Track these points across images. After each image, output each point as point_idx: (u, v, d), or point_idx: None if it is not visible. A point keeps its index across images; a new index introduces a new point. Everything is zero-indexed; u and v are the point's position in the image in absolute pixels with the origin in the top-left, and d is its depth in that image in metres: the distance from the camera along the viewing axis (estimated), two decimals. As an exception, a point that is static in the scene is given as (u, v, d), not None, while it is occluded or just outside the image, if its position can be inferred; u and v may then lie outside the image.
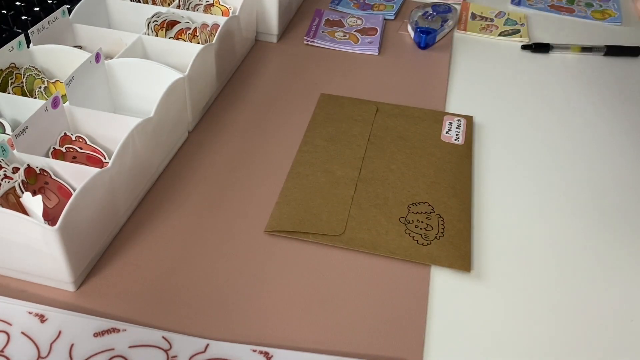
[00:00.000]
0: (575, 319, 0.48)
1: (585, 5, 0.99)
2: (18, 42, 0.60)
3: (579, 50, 0.86)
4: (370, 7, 0.94)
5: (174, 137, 0.62)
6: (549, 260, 0.53)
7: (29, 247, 0.44)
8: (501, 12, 0.96)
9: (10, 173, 0.47)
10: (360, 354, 0.44)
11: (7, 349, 0.43)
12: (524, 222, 0.57)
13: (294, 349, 0.44)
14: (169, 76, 0.60)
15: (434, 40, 0.85)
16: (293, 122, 0.68)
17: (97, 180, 0.47)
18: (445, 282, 0.51)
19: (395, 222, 0.55)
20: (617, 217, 0.58)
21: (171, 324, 0.45)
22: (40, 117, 0.51)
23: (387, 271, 0.51)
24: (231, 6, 0.77)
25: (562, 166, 0.64)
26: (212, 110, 0.70)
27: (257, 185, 0.59)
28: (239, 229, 0.54)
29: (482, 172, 0.63)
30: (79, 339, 0.43)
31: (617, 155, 0.66)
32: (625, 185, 0.62)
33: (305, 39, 0.85)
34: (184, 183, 0.59)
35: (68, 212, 0.43)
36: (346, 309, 0.48)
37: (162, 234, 0.53)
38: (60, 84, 0.60)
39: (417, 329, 0.46)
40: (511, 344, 0.46)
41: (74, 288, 0.47)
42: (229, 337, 0.45)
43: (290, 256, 0.52)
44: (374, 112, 0.69)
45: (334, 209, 0.55)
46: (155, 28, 0.69)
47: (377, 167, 0.61)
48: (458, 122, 0.68)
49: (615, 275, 0.52)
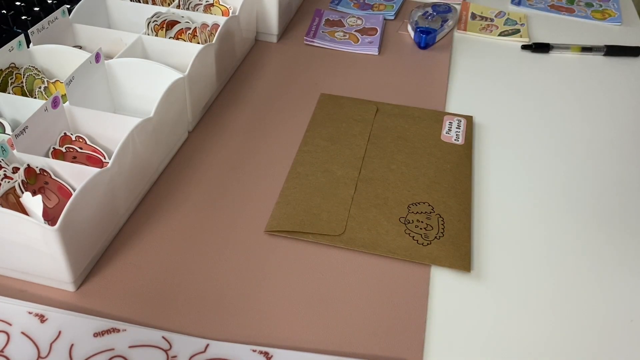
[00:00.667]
0: (575, 318, 0.48)
1: (585, 5, 0.99)
2: (18, 42, 0.60)
3: (579, 50, 0.86)
4: (370, 7, 0.94)
5: (174, 137, 0.62)
6: (549, 260, 0.53)
7: (29, 247, 0.44)
8: (501, 12, 0.96)
9: (10, 173, 0.47)
10: (360, 354, 0.44)
11: (7, 349, 0.43)
12: (524, 222, 0.57)
13: (294, 349, 0.44)
14: (169, 76, 0.60)
15: (434, 40, 0.85)
16: (293, 122, 0.68)
17: (97, 180, 0.47)
18: (445, 282, 0.51)
19: (395, 222, 0.55)
20: (617, 217, 0.58)
21: (171, 324, 0.45)
22: (40, 117, 0.51)
23: (387, 271, 0.51)
24: (231, 6, 0.77)
25: (562, 166, 0.64)
26: (212, 110, 0.70)
27: (257, 185, 0.59)
28: (239, 229, 0.54)
29: (482, 172, 0.63)
30: (79, 339, 0.43)
31: (617, 155, 0.66)
32: (625, 185, 0.62)
33: (305, 39, 0.85)
34: (184, 183, 0.59)
35: (68, 212, 0.43)
36: (346, 309, 0.48)
37: (162, 234, 0.53)
38: (60, 84, 0.60)
39: (417, 329, 0.46)
40: (511, 343, 0.46)
41: (74, 288, 0.47)
42: (229, 337, 0.45)
43: (290, 256, 0.52)
44: (374, 112, 0.69)
45: (334, 209, 0.56)
46: (155, 28, 0.69)
47: (377, 167, 0.61)
48: (458, 122, 0.68)
49: (615, 275, 0.52)
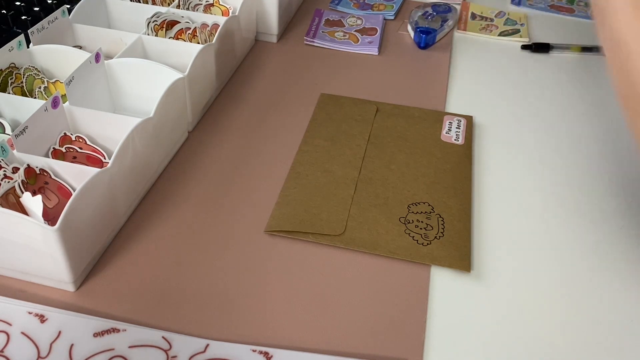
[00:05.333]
0: (575, 318, 0.48)
1: (585, 5, 0.99)
2: (18, 42, 0.60)
3: (579, 50, 0.86)
4: (370, 7, 0.94)
5: (174, 137, 0.62)
6: (549, 260, 0.53)
7: (29, 247, 0.44)
8: (501, 12, 0.96)
9: (10, 173, 0.47)
10: (360, 354, 0.44)
11: (7, 349, 0.43)
12: (524, 222, 0.57)
13: (294, 349, 0.44)
14: (169, 76, 0.60)
15: (434, 40, 0.85)
16: (293, 122, 0.68)
17: (97, 180, 0.47)
18: (445, 282, 0.51)
19: (395, 222, 0.55)
20: (617, 217, 0.58)
21: (171, 324, 0.45)
22: (40, 117, 0.51)
23: (387, 271, 0.51)
24: (231, 6, 0.77)
25: (562, 166, 0.64)
26: (212, 110, 0.70)
27: (257, 185, 0.59)
28: (239, 229, 0.54)
29: (482, 172, 0.63)
30: (78, 339, 0.43)
31: (617, 156, 0.66)
32: (625, 185, 0.62)
33: (305, 39, 0.85)
34: (184, 183, 0.59)
35: (68, 212, 0.43)
36: (346, 309, 0.48)
37: (162, 234, 0.53)
38: (60, 84, 0.60)
39: (417, 329, 0.46)
40: (511, 343, 0.46)
41: (74, 288, 0.47)
42: (229, 337, 0.45)
43: (290, 256, 0.52)
44: (374, 112, 0.69)
45: (333, 208, 0.55)
46: (155, 28, 0.69)
47: (377, 167, 0.61)
48: (458, 122, 0.68)
49: (616, 275, 0.52)
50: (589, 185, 0.62)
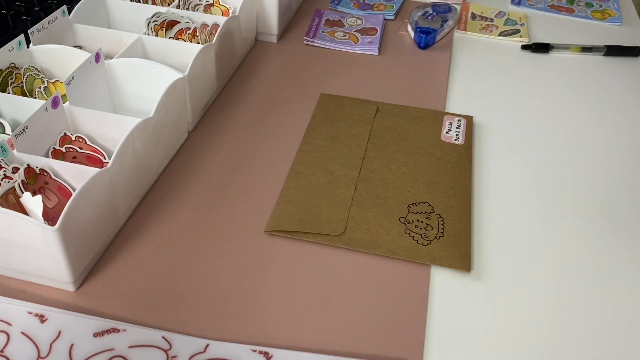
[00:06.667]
0: (575, 318, 0.48)
1: (585, 5, 0.99)
2: (18, 42, 0.60)
3: (579, 50, 0.86)
4: (370, 7, 0.94)
5: (174, 137, 0.62)
6: (549, 260, 0.53)
7: (29, 247, 0.44)
8: (501, 12, 0.96)
9: (10, 173, 0.47)
10: (360, 354, 0.44)
11: (7, 349, 0.43)
12: (524, 222, 0.57)
13: (294, 349, 0.44)
14: (168, 76, 0.60)
15: (434, 40, 0.85)
16: (293, 122, 0.68)
17: (97, 180, 0.47)
18: (445, 282, 0.51)
19: (395, 222, 0.55)
20: (617, 217, 0.58)
21: (171, 324, 0.45)
22: (40, 117, 0.51)
23: (387, 271, 0.51)
24: (231, 6, 0.77)
25: (562, 166, 0.64)
26: (212, 110, 0.70)
27: (257, 185, 0.59)
28: (239, 229, 0.54)
29: (482, 172, 0.63)
30: (78, 339, 0.43)
31: (617, 155, 0.66)
32: (625, 185, 0.62)
33: (305, 39, 0.85)
34: (184, 183, 0.59)
35: (68, 212, 0.43)
36: (346, 309, 0.48)
37: (162, 234, 0.53)
38: (60, 84, 0.60)
39: (417, 329, 0.46)
40: (511, 343, 0.46)
41: (74, 288, 0.47)
42: (229, 337, 0.45)
43: (290, 256, 0.52)
44: (374, 112, 0.69)
45: (333, 208, 0.55)
46: (155, 28, 0.69)
47: (377, 167, 0.61)
48: (458, 122, 0.68)
49: (616, 275, 0.52)
50: (589, 185, 0.62)
